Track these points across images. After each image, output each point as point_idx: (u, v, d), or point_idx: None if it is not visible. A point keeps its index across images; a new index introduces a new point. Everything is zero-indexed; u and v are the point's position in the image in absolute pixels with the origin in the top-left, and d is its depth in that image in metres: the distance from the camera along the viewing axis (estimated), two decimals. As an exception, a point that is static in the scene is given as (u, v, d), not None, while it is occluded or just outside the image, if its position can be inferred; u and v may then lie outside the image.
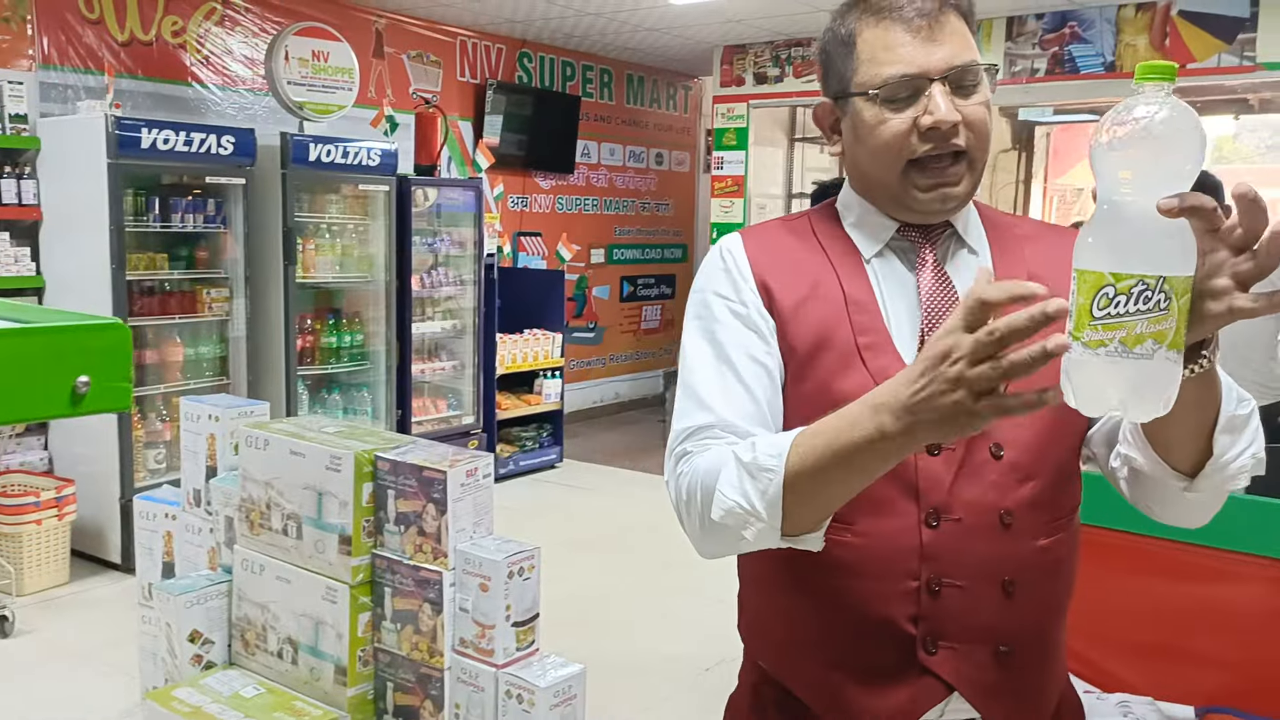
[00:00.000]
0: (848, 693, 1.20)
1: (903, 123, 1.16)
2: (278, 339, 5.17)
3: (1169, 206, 0.82)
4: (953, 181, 1.17)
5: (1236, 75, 5.65)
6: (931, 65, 1.15)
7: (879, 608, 1.17)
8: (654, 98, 8.83)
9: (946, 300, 1.20)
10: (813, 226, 1.29)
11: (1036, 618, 1.20)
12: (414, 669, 1.76)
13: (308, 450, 1.76)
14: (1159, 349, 0.83)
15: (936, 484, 1.15)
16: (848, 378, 1.16)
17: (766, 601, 1.31)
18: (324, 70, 5.42)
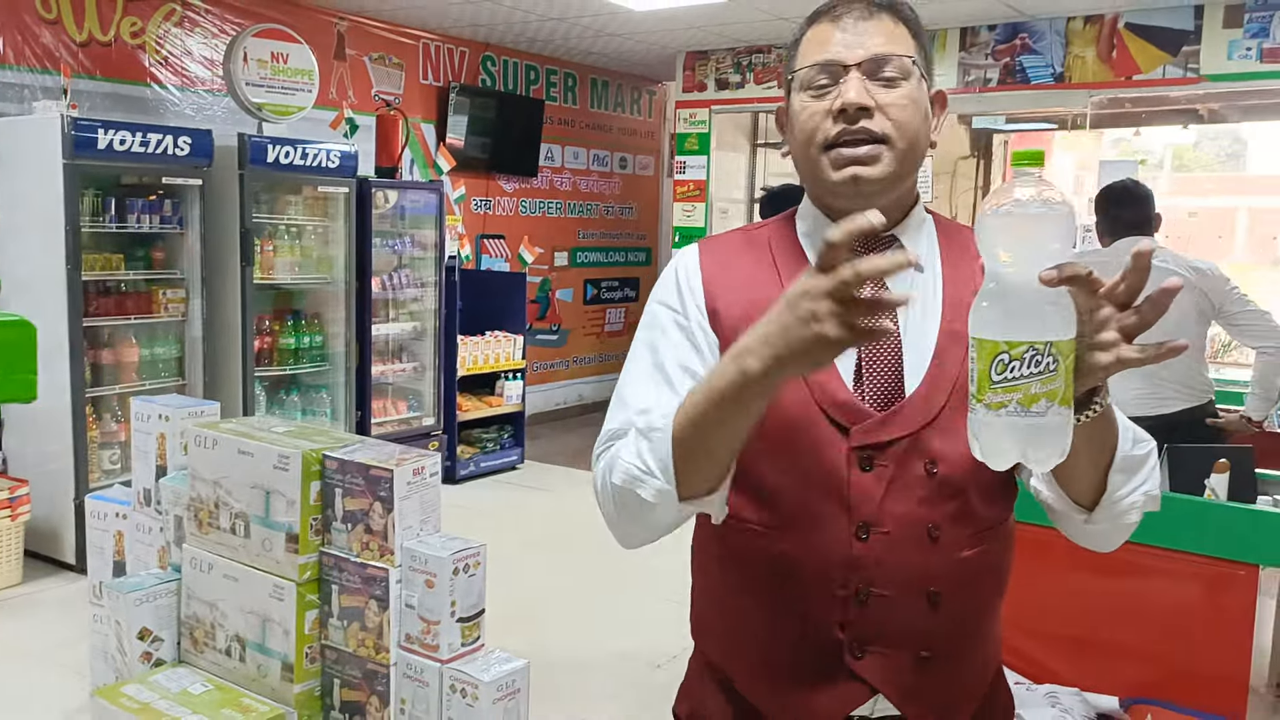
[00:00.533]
0: (780, 690, 1.26)
1: (821, 107, 1.21)
2: (235, 340, 5.16)
3: (1049, 278, 0.90)
4: (864, 159, 1.19)
5: (1181, 86, 5.78)
6: (848, 55, 1.20)
7: (810, 613, 1.22)
8: (618, 102, 8.87)
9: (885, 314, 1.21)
10: (770, 239, 1.32)
11: (960, 624, 1.24)
12: (360, 665, 1.79)
13: (256, 449, 1.79)
14: (1052, 406, 0.92)
15: (867, 499, 1.19)
16: (787, 393, 1.19)
17: (712, 599, 1.36)
18: (283, 72, 5.41)
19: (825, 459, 1.20)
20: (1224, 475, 2.77)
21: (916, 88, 1.22)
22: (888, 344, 1.22)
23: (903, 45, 1.22)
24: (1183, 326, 3.46)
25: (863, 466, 1.19)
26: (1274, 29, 5.49)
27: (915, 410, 1.20)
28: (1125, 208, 3.60)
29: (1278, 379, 3.49)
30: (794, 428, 1.20)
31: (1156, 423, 3.40)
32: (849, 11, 1.23)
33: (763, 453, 1.21)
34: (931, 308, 1.25)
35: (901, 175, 1.22)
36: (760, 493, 1.23)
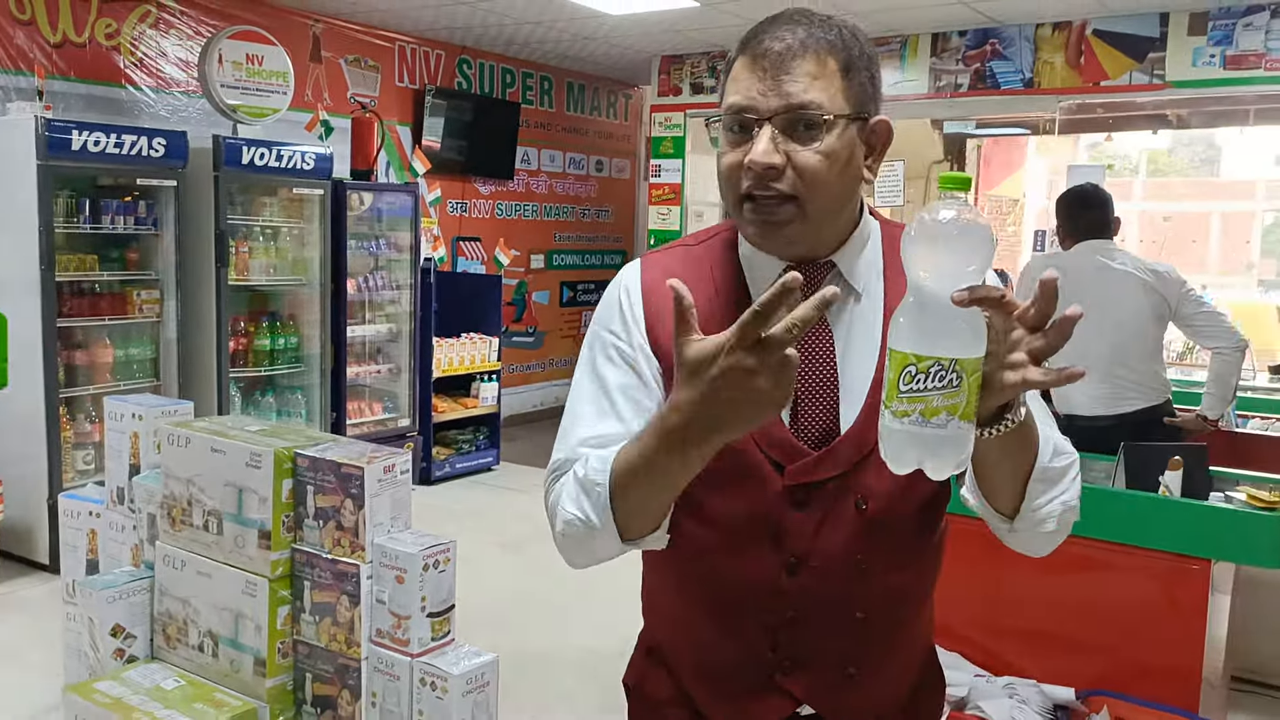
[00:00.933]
0: (712, 691, 1.31)
1: (736, 156, 1.16)
2: (210, 341, 5.17)
3: (960, 299, 0.94)
4: (779, 220, 1.16)
5: (1147, 93, 5.89)
6: (763, 105, 1.14)
7: (741, 633, 1.25)
8: (594, 105, 8.91)
9: (822, 353, 1.22)
10: (710, 259, 1.29)
11: (884, 643, 1.28)
12: (332, 660, 1.82)
13: (228, 448, 1.82)
14: (952, 420, 0.96)
15: (799, 535, 1.21)
16: None
17: (659, 591, 1.41)
18: (258, 74, 5.42)
19: (760, 495, 1.21)
20: (1178, 473, 2.84)
21: (836, 139, 1.14)
22: (824, 381, 1.22)
23: (827, 89, 1.14)
24: (1140, 327, 3.54)
25: (797, 506, 1.20)
26: (1237, 37, 5.60)
27: (849, 448, 1.20)
28: (1085, 211, 3.68)
29: (1233, 379, 3.57)
30: (733, 461, 1.18)
31: (1115, 421, 3.49)
32: (772, 49, 1.15)
33: (706, 484, 1.20)
34: (872, 333, 1.24)
35: (814, 231, 1.20)
36: (700, 513, 1.24)
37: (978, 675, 2.75)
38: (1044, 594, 2.83)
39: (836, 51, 1.16)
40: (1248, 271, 27.89)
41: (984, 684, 2.68)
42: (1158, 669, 2.71)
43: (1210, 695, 2.81)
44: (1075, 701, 2.67)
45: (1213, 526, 2.68)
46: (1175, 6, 5.69)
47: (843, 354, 1.23)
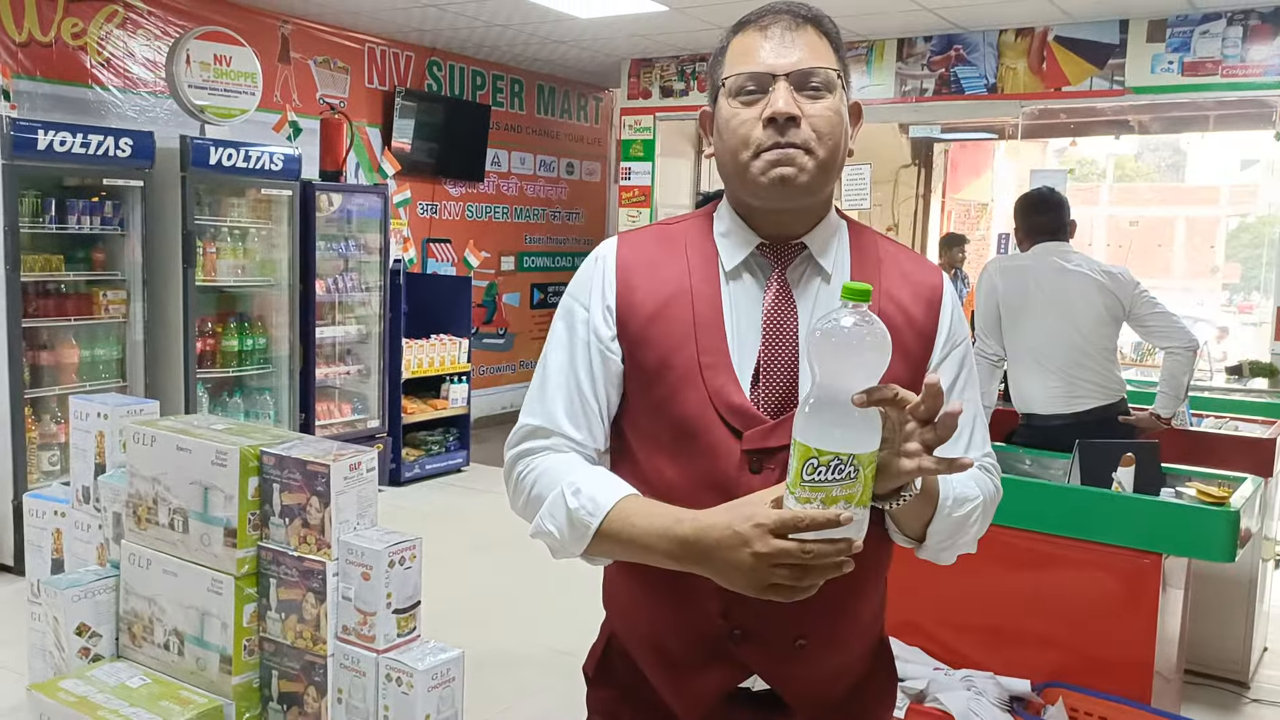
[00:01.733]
0: (667, 667, 1.36)
1: (751, 114, 1.26)
2: (177, 342, 5.15)
3: (859, 402, 1.04)
4: (789, 162, 1.24)
5: (1108, 98, 5.99)
6: (777, 65, 1.25)
7: (694, 602, 1.29)
8: (565, 108, 8.93)
9: (786, 325, 1.28)
10: (686, 238, 1.36)
11: (834, 613, 1.32)
12: (298, 656, 1.83)
13: (194, 446, 1.83)
14: (850, 508, 1.06)
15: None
16: (688, 395, 1.26)
17: (616, 579, 1.46)
18: (226, 74, 5.41)
19: (718, 460, 1.26)
20: (1130, 469, 2.91)
21: (839, 100, 1.27)
22: (784, 353, 1.28)
23: (826, 59, 1.27)
24: (1096, 327, 3.61)
25: (753, 469, 1.25)
26: (1195, 44, 5.72)
27: None
28: (1041, 214, 3.75)
29: (1184, 377, 3.65)
30: (692, 429, 1.27)
31: (1071, 420, 3.56)
32: (776, 23, 1.28)
33: (662, 450, 1.29)
34: None
35: (823, 183, 1.28)
36: (656, 487, 1.28)
37: (937, 668, 2.81)
38: (1001, 589, 2.89)
39: (826, 30, 1.31)
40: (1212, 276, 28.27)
41: (942, 677, 2.74)
42: (1112, 661, 2.78)
43: (1163, 687, 2.88)
44: (1031, 693, 2.73)
45: (1164, 522, 2.75)
46: (1135, 14, 5.80)
47: (804, 331, 1.29)
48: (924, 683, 2.73)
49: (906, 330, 1.31)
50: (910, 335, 1.31)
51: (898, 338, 1.25)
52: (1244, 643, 3.77)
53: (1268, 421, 4.26)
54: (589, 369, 1.33)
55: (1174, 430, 3.79)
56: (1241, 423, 4.29)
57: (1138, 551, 2.76)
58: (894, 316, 1.29)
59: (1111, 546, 2.78)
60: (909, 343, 1.31)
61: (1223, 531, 2.69)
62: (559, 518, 1.25)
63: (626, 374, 1.33)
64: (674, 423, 1.28)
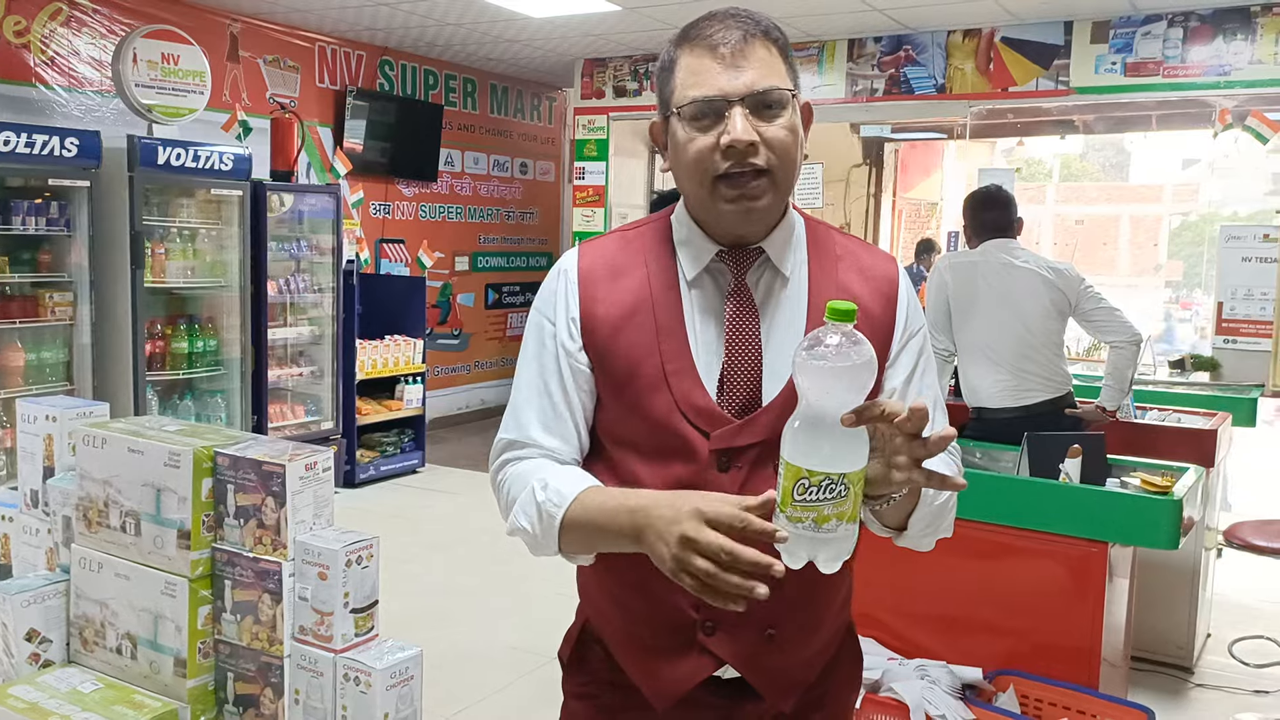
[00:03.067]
0: (641, 657, 1.39)
1: (707, 141, 1.25)
2: (125, 344, 5.07)
3: (849, 421, 1.06)
4: (755, 195, 1.26)
5: (1053, 99, 6.11)
6: (732, 89, 1.24)
7: (667, 596, 1.31)
8: (518, 108, 8.92)
9: (748, 329, 1.32)
10: (646, 244, 1.38)
11: (803, 604, 1.35)
12: (254, 658, 1.82)
13: (146, 448, 1.81)
14: (840, 524, 1.08)
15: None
16: (655, 399, 1.31)
17: (591, 577, 1.48)
18: (174, 73, 5.34)
19: (688, 460, 1.30)
20: (1077, 460, 2.97)
21: (793, 113, 1.28)
22: (748, 356, 1.32)
23: (778, 72, 1.27)
24: (1043, 322, 3.68)
25: (720, 467, 1.30)
26: (1137, 45, 5.84)
27: (771, 418, 1.29)
28: (989, 211, 3.82)
29: (1128, 371, 3.74)
30: (662, 431, 1.31)
31: (1020, 413, 3.63)
32: (726, 41, 1.26)
33: (634, 452, 1.34)
34: (796, 318, 1.34)
35: (781, 201, 1.32)
36: (628, 485, 1.32)
37: (891, 658, 2.85)
38: (953, 579, 2.94)
39: (774, 39, 1.29)
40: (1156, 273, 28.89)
41: (897, 666, 2.78)
42: (1061, 648, 2.84)
43: (1110, 673, 2.95)
44: (983, 681, 2.78)
45: (1110, 511, 2.81)
46: (1079, 15, 5.91)
47: (767, 334, 1.32)
48: (879, 673, 2.77)
49: (865, 325, 1.33)
50: (869, 329, 1.33)
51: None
52: (1188, 629, 3.87)
53: (1209, 414, 4.37)
54: (559, 380, 1.37)
55: (1119, 422, 3.88)
56: (1184, 415, 4.40)
57: (1085, 540, 2.82)
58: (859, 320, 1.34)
59: (1059, 536, 2.85)
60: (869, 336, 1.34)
61: (1166, 520, 2.76)
62: (530, 513, 1.30)
63: (596, 381, 1.36)
64: (644, 426, 1.32)
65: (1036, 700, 2.77)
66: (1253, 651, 3.65)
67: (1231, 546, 3.40)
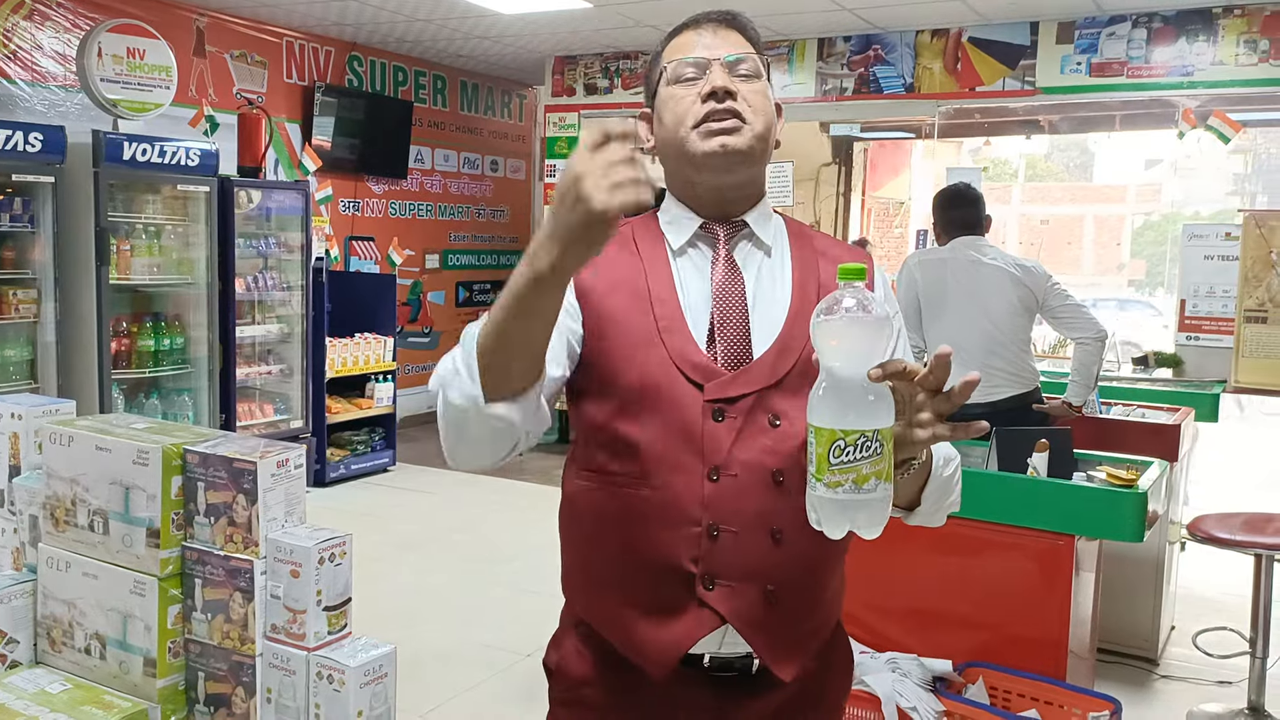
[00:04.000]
0: (637, 625, 1.39)
1: (691, 93, 1.39)
2: (90, 342, 5.01)
3: (876, 376, 1.08)
4: (731, 130, 1.36)
5: (1019, 99, 6.17)
6: (712, 53, 1.41)
7: (666, 551, 1.34)
8: (489, 105, 8.89)
9: (735, 290, 1.39)
10: (633, 231, 1.46)
11: (802, 564, 1.36)
12: (225, 657, 1.81)
13: (114, 446, 1.79)
14: (880, 483, 1.08)
15: (718, 446, 1.33)
16: (650, 357, 1.35)
17: (575, 554, 1.49)
18: (140, 68, 5.28)
19: (683, 412, 1.34)
20: (1044, 454, 3.01)
21: (765, 84, 1.43)
22: (736, 314, 1.38)
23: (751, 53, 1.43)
24: (1011, 319, 3.73)
25: (715, 418, 1.34)
26: (1101, 45, 5.92)
27: (762, 372, 1.36)
28: (957, 209, 3.86)
29: (1094, 367, 3.79)
30: (655, 386, 1.34)
31: (988, 409, 3.66)
32: (707, 24, 1.44)
33: (626, 411, 1.35)
34: (781, 286, 1.42)
35: (758, 153, 1.40)
36: (624, 447, 1.36)
37: (862, 652, 2.87)
38: (922, 572, 2.97)
39: (751, 36, 1.46)
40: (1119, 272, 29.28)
41: (868, 660, 2.80)
42: (1029, 640, 2.87)
43: (1077, 665, 2.99)
44: (953, 673, 2.81)
45: (1077, 504, 2.85)
46: (1044, 16, 5.98)
47: (753, 296, 1.40)
48: (850, 667, 2.79)
49: None
50: None
51: None
52: (1153, 621, 3.93)
53: (1172, 409, 4.43)
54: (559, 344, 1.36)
55: (1085, 418, 3.93)
56: (1148, 410, 4.46)
57: (1052, 534, 2.86)
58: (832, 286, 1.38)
59: (1027, 530, 2.88)
60: None
61: (1132, 513, 2.80)
62: (451, 356, 1.26)
63: (587, 346, 1.38)
64: (637, 383, 1.35)
65: (1005, 691, 2.81)
66: (1216, 643, 3.71)
67: (1195, 540, 3.45)
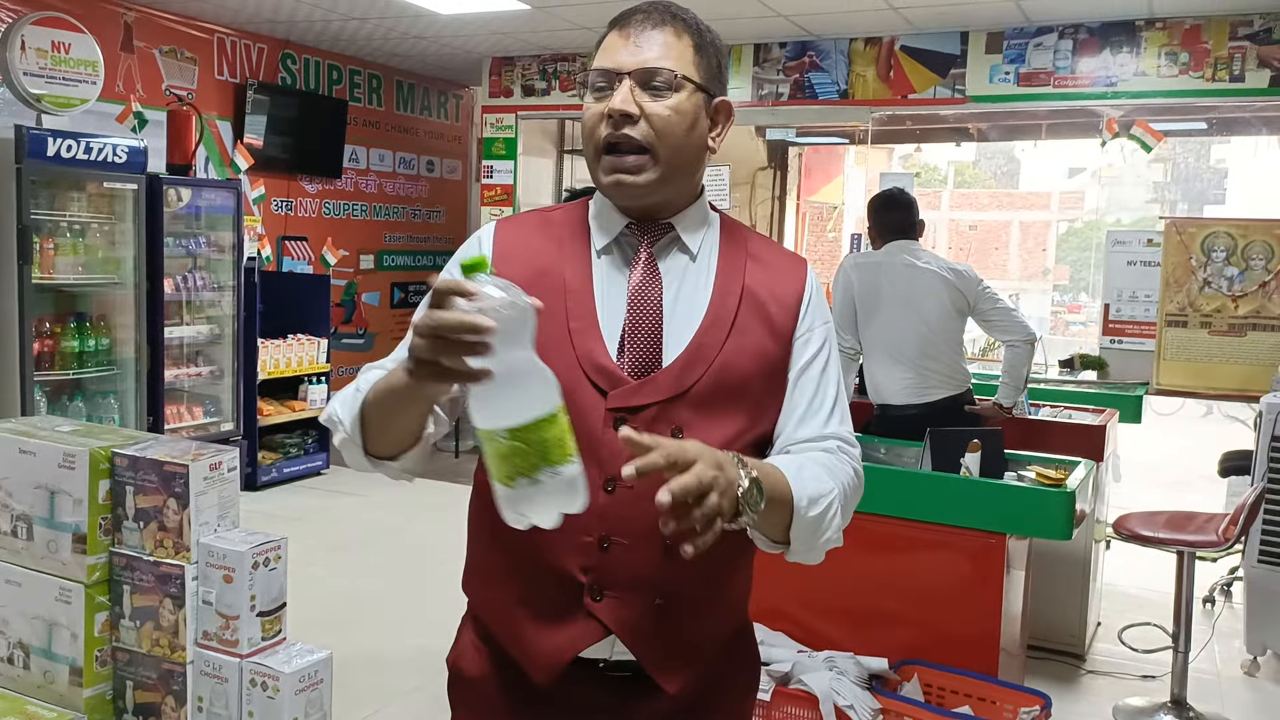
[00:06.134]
0: (525, 628, 1.37)
1: (599, 108, 1.32)
2: (12, 343, 4.86)
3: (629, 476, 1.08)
4: (629, 169, 1.31)
5: (950, 106, 6.29)
6: (624, 63, 1.32)
7: (556, 559, 1.32)
8: (425, 105, 8.81)
9: (651, 296, 1.35)
10: (563, 220, 1.43)
11: (695, 576, 1.32)
12: (155, 665, 1.77)
13: (38, 449, 1.74)
14: (560, 468, 1.07)
15: (616, 455, 1.26)
16: (557, 359, 1.26)
17: (476, 552, 1.48)
18: (65, 62, 5.13)
19: (583, 418, 1.28)
20: (977, 454, 3.07)
21: (686, 99, 1.32)
22: (649, 321, 1.34)
23: (679, 58, 1.32)
24: (944, 321, 3.80)
25: (615, 426, 1.27)
26: (1029, 55, 6.06)
27: (667, 382, 1.32)
28: (891, 213, 3.93)
29: (1024, 369, 3.88)
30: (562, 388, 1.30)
31: (922, 410, 3.73)
32: (637, 21, 1.34)
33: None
34: (701, 294, 1.37)
35: (667, 179, 1.34)
36: None
37: (800, 651, 2.91)
38: (858, 572, 3.01)
39: (691, 32, 1.35)
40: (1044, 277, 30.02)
41: (806, 659, 2.83)
42: (962, 638, 2.93)
43: (1008, 661, 3.05)
44: (889, 671, 2.86)
45: (1008, 503, 2.92)
46: (974, 26, 6.10)
47: (670, 304, 1.36)
48: (789, 665, 2.82)
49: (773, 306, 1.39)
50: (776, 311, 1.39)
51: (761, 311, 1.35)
52: (1079, 618, 4.03)
53: (1097, 410, 4.56)
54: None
55: (1015, 419, 4.02)
56: (1075, 411, 4.58)
57: (984, 533, 2.92)
58: (761, 294, 1.38)
59: (960, 529, 2.94)
60: (775, 318, 1.39)
61: (1060, 511, 2.87)
62: (343, 399, 1.33)
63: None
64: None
65: (940, 688, 2.86)
66: (1140, 638, 3.82)
67: (1120, 538, 3.55)
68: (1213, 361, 5.50)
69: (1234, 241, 5.44)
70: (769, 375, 1.38)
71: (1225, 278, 5.46)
